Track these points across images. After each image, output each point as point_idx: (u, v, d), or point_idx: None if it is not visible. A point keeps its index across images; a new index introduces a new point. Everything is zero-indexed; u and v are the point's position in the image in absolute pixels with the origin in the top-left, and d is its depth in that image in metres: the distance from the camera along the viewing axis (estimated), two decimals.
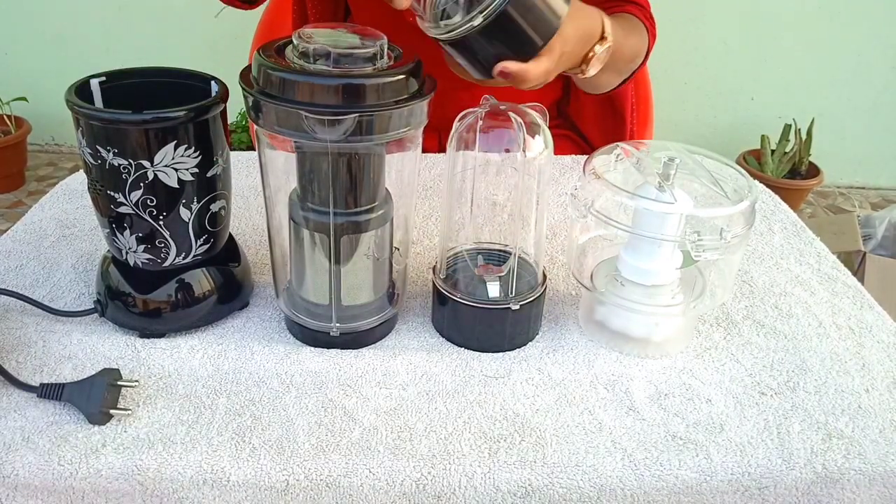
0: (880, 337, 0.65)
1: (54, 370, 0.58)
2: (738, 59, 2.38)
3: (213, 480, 0.50)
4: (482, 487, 0.50)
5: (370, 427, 0.54)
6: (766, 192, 0.90)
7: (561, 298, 0.69)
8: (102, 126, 0.54)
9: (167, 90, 0.60)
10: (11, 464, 0.50)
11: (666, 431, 0.54)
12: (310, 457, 0.51)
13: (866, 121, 2.46)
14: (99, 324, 0.63)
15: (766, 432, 0.55)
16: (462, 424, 0.54)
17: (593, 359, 0.61)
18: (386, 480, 0.50)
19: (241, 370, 0.59)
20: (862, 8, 2.28)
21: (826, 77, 2.39)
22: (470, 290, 0.62)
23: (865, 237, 1.74)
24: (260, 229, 0.78)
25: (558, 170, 0.93)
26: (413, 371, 0.59)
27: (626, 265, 0.62)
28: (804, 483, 0.52)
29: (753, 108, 2.46)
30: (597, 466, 0.51)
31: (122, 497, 0.51)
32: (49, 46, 2.44)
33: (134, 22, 2.38)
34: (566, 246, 0.77)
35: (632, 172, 0.61)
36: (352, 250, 0.58)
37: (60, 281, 0.69)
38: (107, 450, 0.51)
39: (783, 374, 0.61)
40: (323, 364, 0.60)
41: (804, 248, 0.79)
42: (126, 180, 0.55)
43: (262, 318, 0.65)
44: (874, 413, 0.57)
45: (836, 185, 2.54)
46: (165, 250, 0.59)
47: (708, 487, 0.51)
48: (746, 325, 0.66)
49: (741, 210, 0.57)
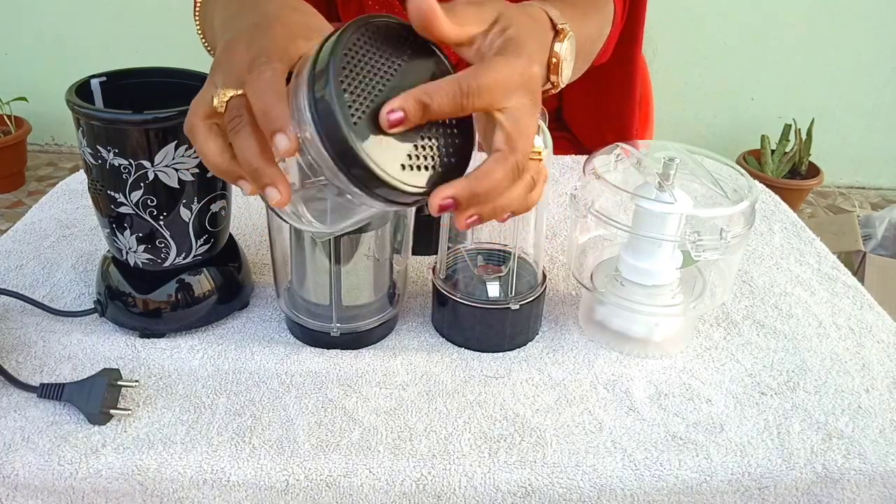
0: (880, 337, 0.65)
1: (54, 370, 0.58)
2: (738, 59, 2.38)
3: (213, 480, 0.50)
4: (482, 487, 0.50)
5: (370, 427, 0.54)
6: (766, 192, 0.90)
7: (561, 298, 0.69)
8: (103, 126, 0.54)
9: (167, 90, 0.60)
10: (11, 464, 0.50)
11: (666, 431, 0.54)
12: (310, 457, 0.51)
13: (866, 121, 2.46)
14: (99, 324, 0.63)
15: (766, 432, 0.55)
16: (462, 424, 0.54)
17: (593, 359, 0.61)
18: (386, 480, 0.50)
19: (241, 370, 0.59)
20: (862, 8, 2.28)
21: (826, 77, 2.39)
22: (470, 290, 0.62)
23: (865, 237, 1.74)
24: (260, 229, 0.78)
25: (558, 170, 0.93)
26: (413, 371, 0.59)
27: (626, 265, 0.62)
28: (804, 483, 0.52)
29: (753, 108, 2.46)
30: (597, 466, 0.51)
31: (122, 497, 0.51)
32: (49, 46, 2.44)
33: (134, 22, 2.38)
34: (566, 246, 0.77)
35: (632, 172, 0.61)
36: (352, 250, 0.58)
37: (60, 281, 0.69)
38: (107, 450, 0.51)
39: (783, 374, 0.61)
40: (323, 364, 0.60)
41: (804, 248, 0.79)
42: (126, 180, 0.55)
43: (262, 318, 0.65)
44: (874, 413, 0.57)
45: (836, 185, 2.54)
46: (165, 250, 0.59)
47: (708, 487, 0.51)
48: (746, 325, 0.66)
49: (741, 210, 0.57)
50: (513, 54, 0.43)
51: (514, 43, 0.44)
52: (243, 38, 0.45)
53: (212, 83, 0.45)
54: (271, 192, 0.42)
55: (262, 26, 0.45)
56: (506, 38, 0.45)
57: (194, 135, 0.44)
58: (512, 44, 0.44)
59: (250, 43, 0.44)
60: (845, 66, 2.38)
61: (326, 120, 0.38)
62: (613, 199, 0.58)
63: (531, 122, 0.43)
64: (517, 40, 0.45)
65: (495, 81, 0.41)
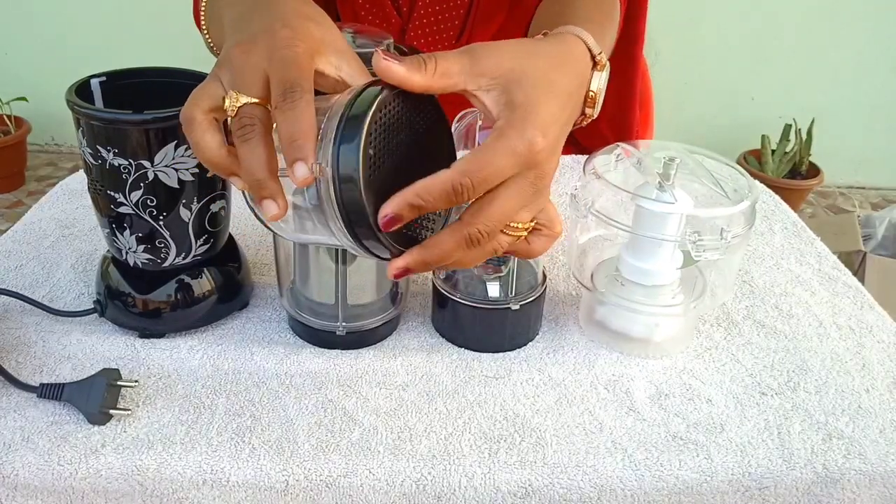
0: (880, 337, 0.65)
1: (54, 370, 0.58)
2: (738, 59, 2.38)
3: (213, 480, 0.50)
4: (482, 487, 0.50)
5: (370, 427, 0.54)
6: (767, 192, 0.90)
7: (561, 298, 0.69)
8: (102, 126, 0.54)
9: (167, 90, 0.60)
10: (11, 464, 0.50)
11: (666, 431, 0.54)
12: (310, 457, 0.51)
13: (866, 121, 2.46)
14: (99, 324, 0.63)
15: (767, 432, 0.55)
16: (462, 425, 0.54)
17: (594, 359, 0.61)
18: (386, 481, 0.50)
19: (240, 370, 0.59)
20: (862, 8, 2.28)
21: (826, 77, 2.39)
22: (470, 290, 0.62)
23: (865, 237, 1.74)
24: (260, 229, 0.78)
25: (558, 170, 0.92)
26: (413, 371, 0.59)
27: (627, 265, 0.61)
28: (804, 483, 0.52)
29: (753, 108, 2.46)
30: (597, 467, 0.51)
31: (121, 497, 0.51)
32: (49, 46, 2.44)
33: (134, 22, 2.38)
34: (566, 246, 0.77)
35: (632, 172, 0.61)
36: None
37: (60, 281, 0.69)
38: (106, 450, 0.51)
39: (783, 374, 0.61)
40: (323, 364, 0.60)
41: (804, 248, 0.79)
42: (126, 180, 0.55)
43: (262, 318, 0.65)
44: (874, 413, 0.57)
45: (836, 185, 2.54)
46: (165, 250, 0.59)
47: (708, 488, 0.51)
48: (747, 325, 0.66)
49: (741, 210, 0.57)
50: (515, 133, 0.42)
51: (520, 115, 0.43)
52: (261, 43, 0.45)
53: (217, 80, 0.45)
54: (269, 206, 0.42)
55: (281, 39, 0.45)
56: (511, 108, 0.43)
57: (192, 125, 0.44)
58: (517, 116, 0.43)
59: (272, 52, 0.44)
60: (845, 66, 2.38)
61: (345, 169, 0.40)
62: (614, 198, 0.58)
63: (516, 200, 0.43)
64: (523, 110, 0.43)
65: (491, 174, 0.41)
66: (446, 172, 0.41)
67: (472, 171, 0.41)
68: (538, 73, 0.45)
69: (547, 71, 0.46)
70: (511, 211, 0.43)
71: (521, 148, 0.42)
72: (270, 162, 0.42)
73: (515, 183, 0.43)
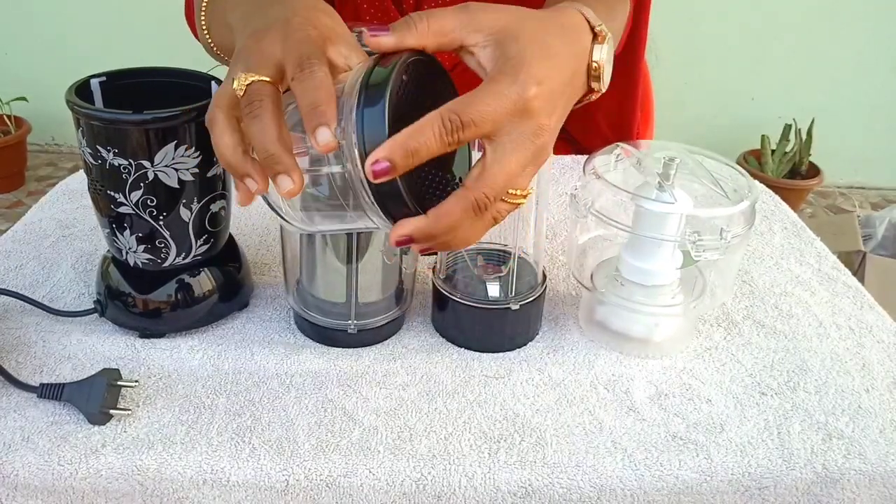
0: (880, 337, 0.65)
1: (54, 370, 0.58)
2: (738, 59, 2.38)
3: (213, 480, 0.50)
4: (482, 487, 0.50)
5: (370, 427, 0.54)
6: (767, 192, 0.90)
7: (561, 298, 0.69)
8: (102, 126, 0.54)
9: (167, 90, 0.60)
10: (11, 464, 0.50)
11: (666, 431, 0.54)
12: (310, 457, 0.51)
13: (866, 121, 2.46)
14: (99, 324, 0.63)
15: (767, 432, 0.55)
16: (462, 424, 0.54)
17: (593, 359, 0.61)
18: (386, 480, 0.50)
19: (241, 370, 0.59)
20: (862, 8, 2.28)
21: (826, 77, 2.39)
22: (470, 290, 0.62)
23: (865, 237, 1.74)
24: (260, 229, 0.78)
25: (558, 170, 0.93)
26: (413, 371, 0.59)
27: (627, 265, 0.61)
28: (804, 483, 0.52)
29: (753, 108, 2.46)
30: (597, 466, 0.51)
31: (122, 497, 0.51)
32: (49, 46, 2.44)
33: (134, 22, 2.38)
34: (566, 246, 0.77)
35: (632, 172, 0.61)
36: (367, 244, 0.58)
37: (60, 281, 0.69)
38: (107, 450, 0.51)
39: (783, 374, 0.61)
40: (323, 364, 0.60)
41: (804, 248, 0.79)
42: (126, 180, 0.55)
43: (262, 318, 0.65)
44: (874, 413, 0.57)
45: (836, 185, 2.54)
46: (165, 250, 0.59)
47: (708, 488, 0.51)
48: (747, 325, 0.66)
49: (741, 210, 0.57)
50: (507, 79, 0.42)
51: (513, 64, 0.42)
52: (276, 30, 0.45)
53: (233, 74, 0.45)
54: (284, 181, 0.41)
55: (294, 24, 0.45)
56: (504, 59, 0.43)
57: (214, 126, 0.44)
58: (510, 65, 0.42)
59: (286, 37, 0.44)
60: (845, 66, 2.38)
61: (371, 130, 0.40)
62: (613, 199, 0.58)
63: (516, 157, 0.42)
64: (517, 61, 0.43)
65: (481, 114, 0.40)
66: (435, 111, 0.40)
67: (460, 108, 0.40)
68: (534, 33, 0.45)
69: (542, 34, 0.45)
70: (512, 172, 0.42)
71: (512, 93, 0.41)
72: (282, 136, 0.41)
73: (512, 140, 0.42)
